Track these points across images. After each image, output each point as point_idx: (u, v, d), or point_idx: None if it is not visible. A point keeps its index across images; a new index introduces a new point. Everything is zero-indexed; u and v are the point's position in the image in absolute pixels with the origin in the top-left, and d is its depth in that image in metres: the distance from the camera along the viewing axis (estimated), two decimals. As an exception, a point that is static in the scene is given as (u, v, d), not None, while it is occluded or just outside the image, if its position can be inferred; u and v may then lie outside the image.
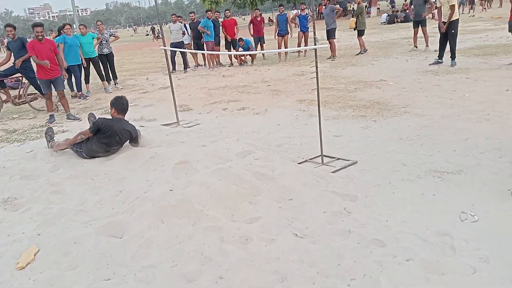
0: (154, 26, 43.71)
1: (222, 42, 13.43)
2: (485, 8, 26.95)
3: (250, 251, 2.72)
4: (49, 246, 2.88)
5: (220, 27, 13.23)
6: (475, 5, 27.62)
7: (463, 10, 25.41)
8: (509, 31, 8.40)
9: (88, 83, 10.12)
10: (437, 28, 9.42)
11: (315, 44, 4.04)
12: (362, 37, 12.70)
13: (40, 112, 8.36)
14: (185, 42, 12.83)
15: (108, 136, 4.46)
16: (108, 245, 2.89)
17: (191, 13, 13.16)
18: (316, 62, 3.97)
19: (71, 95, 9.65)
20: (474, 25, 17.95)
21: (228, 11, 13.68)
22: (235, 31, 13.27)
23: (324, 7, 12.46)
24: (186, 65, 12.76)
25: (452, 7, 8.82)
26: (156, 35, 35.27)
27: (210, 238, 2.87)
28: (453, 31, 8.96)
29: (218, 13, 13.98)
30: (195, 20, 12.90)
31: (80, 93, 9.65)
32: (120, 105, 4.75)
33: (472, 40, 12.84)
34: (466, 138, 4.63)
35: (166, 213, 3.18)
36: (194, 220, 3.10)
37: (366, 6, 40.96)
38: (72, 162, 4.44)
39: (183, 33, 12.56)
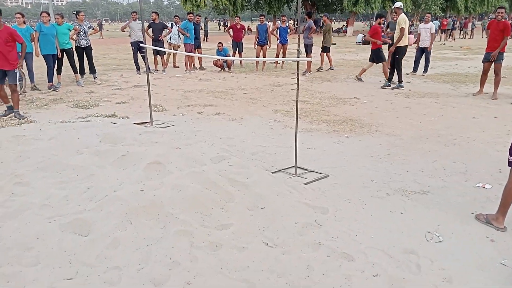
0: (102, 22, 41.57)
1: (204, 46, 13.29)
2: (452, 39, 28.21)
3: (220, 258, 2.69)
4: (10, 240, 2.75)
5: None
6: (446, 34, 28.83)
7: (434, 38, 26.41)
8: (482, 62, 8.73)
9: (60, 74, 9.83)
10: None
11: (298, 56, 4.08)
12: (329, 53, 12.90)
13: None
14: (172, 42, 12.82)
15: None
16: (72, 242, 2.79)
17: (153, 12, 12.50)
18: (298, 74, 4.01)
19: (31, 87, 9.29)
20: (445, 53, 18.68)
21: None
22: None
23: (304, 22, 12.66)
24: (143, 67, 11.87)
25: (401, 30, 9.28)
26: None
27: (179, 243, 2.82)
28: (397, 56, 9.51)
29: (199, 17, 13.87)
30: (157, 21, 12.25)
31: (51, 83, 9.36)
32: None
33: (443, 67, 13.35)
34: (434, 160, 4.78)
35: (135, 214, 3.10)
36: (164, 223, 3.05)
37: (343, 25, 41.96)
38: (39, 154, 4.28)
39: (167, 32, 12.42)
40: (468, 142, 5.41)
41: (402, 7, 9.88)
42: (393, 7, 9.86)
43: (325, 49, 12.66)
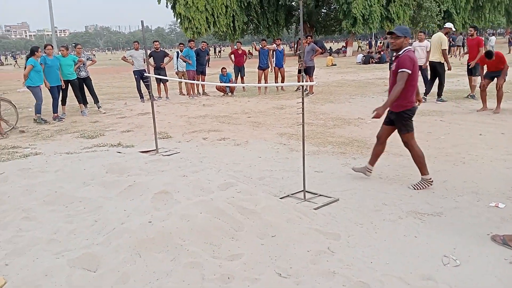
0: (16, 55, 36.42)
1: (209, 71, 13.41)
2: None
3: (233, 290, 2.62)
4: (18, 278, 2.69)
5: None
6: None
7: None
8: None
9: (65, 105, 9.92)
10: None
11: (301, 81, 4.09)
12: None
13: (11, 132, 8.08)
14: (179, 70, 13.12)
15: None
16: (81, 278, 2.73)
17: (154, 41, 12.78)
18: (303, 99, 4.01)
19: (34, 119, 9.33)
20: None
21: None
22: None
23: (307, 44, 12.70)
24: (146, 95, 12.03)
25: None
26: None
27: (190, 275, 2.75)
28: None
29: (205, 43, 13.99)
30: (159, 49, 12.52)
31: (55, 114, 9.43)
32: None
33: (445, 85, 13.33)
34: (444, 180, 4.72)
35: (144, 246, 3.05)
36: (174, 255, 2.98)
37: (342, 46, 42.38)
38: (46, 187, 4.25)
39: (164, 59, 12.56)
40: (477, 160, 5.35)
41: (447, 27, 11.20)
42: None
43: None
